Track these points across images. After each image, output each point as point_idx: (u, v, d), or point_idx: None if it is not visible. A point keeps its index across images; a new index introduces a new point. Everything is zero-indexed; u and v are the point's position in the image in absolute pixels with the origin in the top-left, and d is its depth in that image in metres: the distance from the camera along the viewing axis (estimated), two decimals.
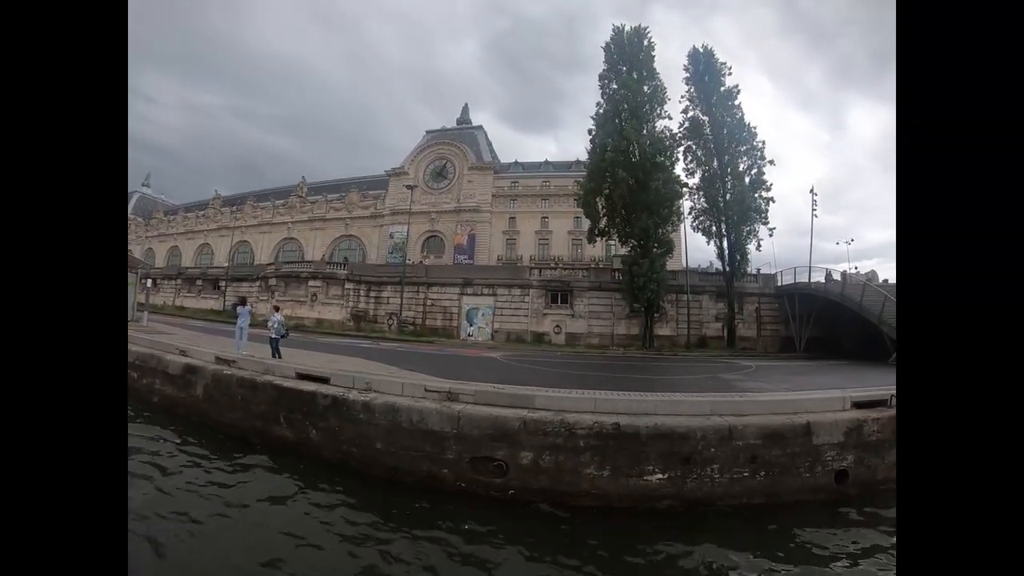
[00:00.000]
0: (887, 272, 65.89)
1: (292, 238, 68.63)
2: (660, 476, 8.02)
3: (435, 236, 60.62)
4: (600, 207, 35.82)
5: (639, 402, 9.18)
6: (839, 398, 10.00)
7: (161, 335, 19.89)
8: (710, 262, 41.60)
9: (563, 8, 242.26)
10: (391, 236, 61.81)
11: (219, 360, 13.27)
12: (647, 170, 33.04)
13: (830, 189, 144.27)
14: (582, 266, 47.40)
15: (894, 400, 9.93)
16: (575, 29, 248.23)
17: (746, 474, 8.24)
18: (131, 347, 15.10)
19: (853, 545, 7.11)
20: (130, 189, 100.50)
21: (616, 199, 33.01)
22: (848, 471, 8.85)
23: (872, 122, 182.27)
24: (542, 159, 70.28)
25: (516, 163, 68.52)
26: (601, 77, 37.28)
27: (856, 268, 48.29)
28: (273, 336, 15.25)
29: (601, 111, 36.36)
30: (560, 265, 47.51)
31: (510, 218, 61.30)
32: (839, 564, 6.54)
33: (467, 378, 12.26)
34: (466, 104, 74.90)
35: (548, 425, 8.31)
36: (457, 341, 35.62)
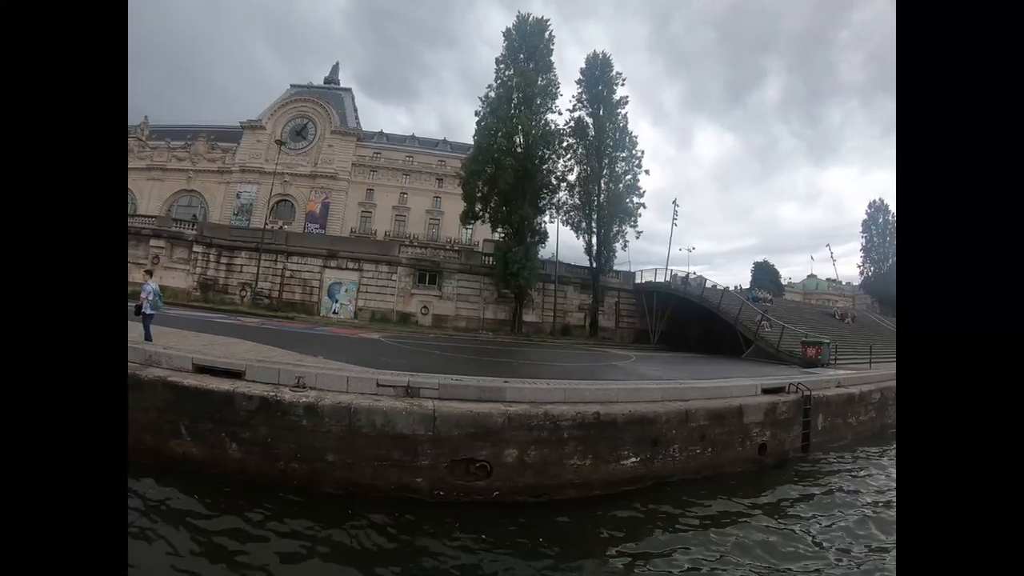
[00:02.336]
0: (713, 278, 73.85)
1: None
2: (634, 459, 9.00)
3: (286, 200, 57.98)
4: (478, 190, 36.57)
5: (605, 390, 10.07)
6: (752, 385, 12.02)
7: None
8: (553, 254, 43.82)
9: None
10: (238, 196, 58.48)
11: None
12: (533, 160, 34.57)
13: (667, 199, 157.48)
14: (438, 246, 47.78)
15: (792, 387, 12.19)
16: (450, 3, 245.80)
17: (698, 451, 9.68)
18: None
19: (780, 497, 9.31)
20: None
21: (501, 184, 33.90)
22: (767, 444, 10.91)
23: (715, 146, 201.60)
24: (402, 131, 71.40)
25: (381, 133, 67.45)
26: (498, 61, 37.83)
27: (694, 272, 53.75)
28: (148, 311, 11.78)
29: (493, 94, 36.97)
30: (428, 244, 47.75)
31: (368, 190, 60.55)
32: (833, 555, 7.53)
33: (379, 365, 11.58)
34: (337, 63, 71.81)
35: (533, 419, 8.26)
36: (319, 318, 34.52)
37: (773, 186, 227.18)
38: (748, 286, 59.95)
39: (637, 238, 39.46)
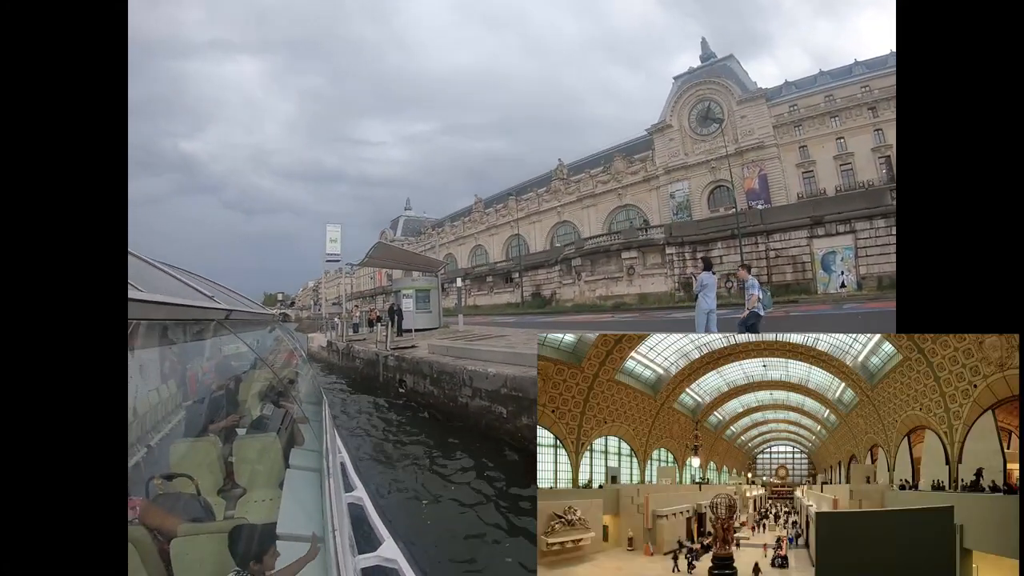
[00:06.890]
0: None
1: (565, 221, 72.98)
2: None
3: (721, 185, 58.82)
4: None
5: None
6: None
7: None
8: None
9: None
10: (672, 196, 62.00)
11: None
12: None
13: None
14: None
15: None
16: None
17: None
18: None
19: None
20: (394, 215, 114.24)
21: None
22: None
23: None
24: (791, 77, 65.87)
25: (787, 83, 64.25)
26: None
27: None
28: (761, 313, 10.50)
29: None
30: None
31: (800, 148, 57.57)
32: None
33: None
34: (703, 38, 70.87)
35: None
36: (823, 296, 33.40)
37: None
38: None
39: None
